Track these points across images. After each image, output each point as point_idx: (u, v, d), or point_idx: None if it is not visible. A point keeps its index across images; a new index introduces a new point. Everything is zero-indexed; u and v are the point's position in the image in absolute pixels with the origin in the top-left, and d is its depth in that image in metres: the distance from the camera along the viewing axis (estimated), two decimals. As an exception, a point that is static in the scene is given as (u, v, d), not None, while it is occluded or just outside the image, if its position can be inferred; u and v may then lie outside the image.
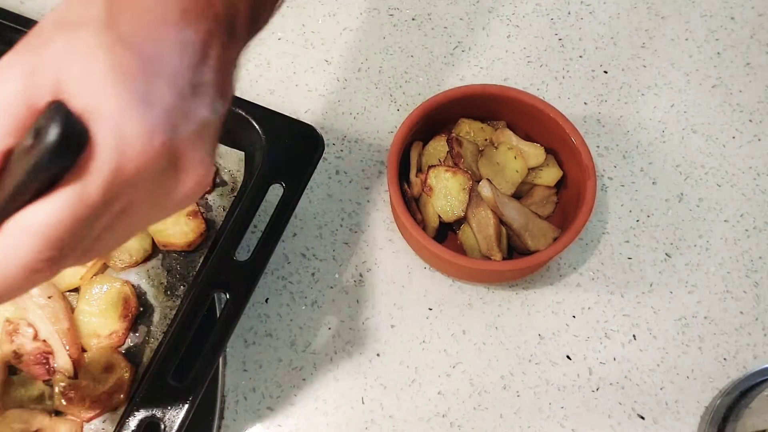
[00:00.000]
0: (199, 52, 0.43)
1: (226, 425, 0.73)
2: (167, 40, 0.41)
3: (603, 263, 0.81)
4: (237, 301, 0.67)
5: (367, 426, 0.73)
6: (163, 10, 0.42)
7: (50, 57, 0.39)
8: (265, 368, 0.75)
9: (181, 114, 0.41)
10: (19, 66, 0.39)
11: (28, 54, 0.39)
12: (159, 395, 0.63)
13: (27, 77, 0.38)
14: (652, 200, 0.84)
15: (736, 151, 0.87)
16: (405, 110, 0.88)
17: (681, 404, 0.75)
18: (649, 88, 0.91)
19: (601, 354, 0.77)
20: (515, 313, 0.78)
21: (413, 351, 0.76)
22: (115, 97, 0.38)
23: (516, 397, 0.75)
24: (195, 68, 0.43)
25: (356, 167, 0.85)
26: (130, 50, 0.40)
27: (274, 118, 0.77)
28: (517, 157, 0.79)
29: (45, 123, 0.36)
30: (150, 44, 0.41)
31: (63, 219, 0.38)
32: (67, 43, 0.39)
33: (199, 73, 0.43)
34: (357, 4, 0.95)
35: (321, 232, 0.81)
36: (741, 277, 0.81)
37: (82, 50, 0.39)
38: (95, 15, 0.40)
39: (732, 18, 0.95)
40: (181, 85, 0.42)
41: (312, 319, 0.77)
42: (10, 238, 0.38)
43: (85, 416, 0.68)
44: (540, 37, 0.94)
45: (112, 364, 0.70)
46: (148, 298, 0.74)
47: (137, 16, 0.41)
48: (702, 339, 0.78)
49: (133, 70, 0.39)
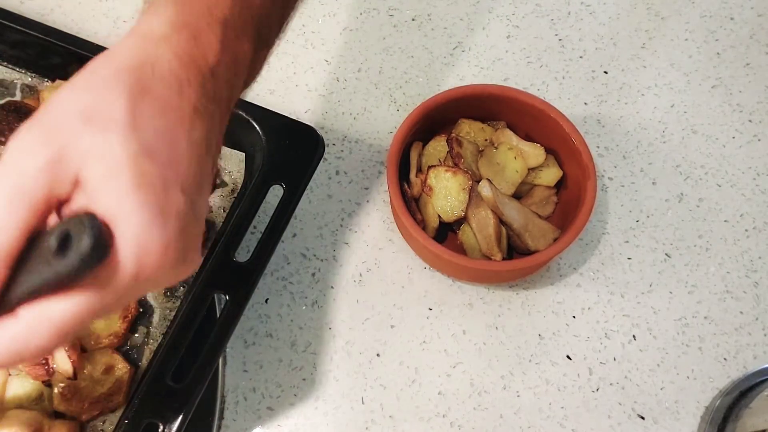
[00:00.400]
0: (204, 146, 0.47)
1: (226, 425, 0.73)
2: (182, 142, 0.45)
3: (603, 263, 0.81)
4: (236, 302, 0.67)
5: (367, 426, 0.73)
6: (179, 112, 0.45)
7: (76, 153, 0.42)
8: (265, 368, 0.75)
9: (191, 217, 0.45)
10: (43, 148, 0.42)
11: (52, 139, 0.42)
12: (158, 396, 0.63)
13: (52, 165, 0.41)
14: (652, 200, 0.84)
15: (735, 152, 0.87)
16: (405, 110, 0.88)
17: (681, 404, 0.75)
18: (649, 88, 0.91)
19: (601, 354, 0.77)
20: (515, 313, 0.78)
21: (413, 351, 0.76)
22: (138, 211, 0.42)
23: (516, 397, 0.75)
24: (201, 164, 0.47)
25: (356, 167, 0.85)
26: (151, 159, 0.43)
27: (275, 119, 0.77)
28: (517, 157, 0.79)
29: (76, 231, 0.40)
30: (167, 149, 0.44)
31: (81, 317, 0.42)
32: (94, 144, 0.42)
33: (204, 167, 0.47)
34: (357, 5, 0.95)
35: (321, 233, 0.81)
36: (741, 277, 0.81)
37: (110, 157, 0.42)
38: (120, 118, 0.43)
39: (731, 18, 0.95)
40: (191, 188, 0.46)
41: (312, 319, 0.77)
42: (30, 326, 0.42)
43: (84, 417, 0.68)
44: (540, 37, 0.94)
45: (112, 365, 0.70)
46: (148, 298, 0.74)
47: (156, 118, 0.44)
48: (702, 339, 0.78)
49: (154, 181, 0.43)
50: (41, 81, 0.82)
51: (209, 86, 0.48)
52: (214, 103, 0.48)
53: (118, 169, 0.42)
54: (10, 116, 0.76)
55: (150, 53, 0.46)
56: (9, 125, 0.75)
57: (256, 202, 0.72)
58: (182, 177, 0.45)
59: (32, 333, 0.42)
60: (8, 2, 0.85)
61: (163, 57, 0.46)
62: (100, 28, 0.91)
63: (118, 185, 0.42)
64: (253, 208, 0.72)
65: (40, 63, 0.82)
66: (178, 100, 0.46)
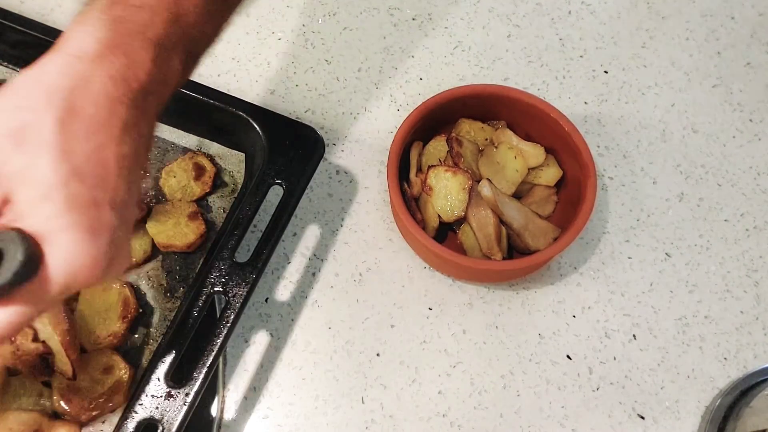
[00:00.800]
0: (133, 158, 0.49)
1: (226, 425, 0.73)
2: (110, 160, 0.47)
3: (603, 263, 0.81)
4: (236, 302, 0.67)
5: (367, 426, 0.73)
6: (109, 131, 0.47)
7: (7, 175, 0.44)
8: (266, 368, 0.75)
9: (120, 228, 0.48)
10: None
11: None
12: (158, 397, 0.63)
13: None
14: (652, 200, 0.84)
15: (736, 151, 0.87)
16: (405, 110, 0.87)
17: (681, 404, 0.75)
18: (650, 87, 0.90)
19: (601, 353, 0.77)
20: (515, 313, 0.78)
21: (413, 351, 0.76)
22: (69, 231, 0.45)
23: (516, 396, 0.75)
24: (130, 176, 0.49)
25: (356, 167, 0.85)
26: (81, 181, 0.45)
27: (275, 119, 0.77)
28: (517, 156, 0.79)
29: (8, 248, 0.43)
30: (97, 169, 0.46)
31: (12, 325, 0.46)
32: (25, 168, 0.44)
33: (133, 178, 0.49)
34: (357, 4, 0.95)
35: (321, 232, 0.81)
36: (741, 277, 0.80)
37: (41, 182, 0.44)
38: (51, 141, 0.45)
39: (732, 17, 0.95)
40: (120, 202, 0.48)
41: (312, 318, 0.77)
42: None
43: (83, 417, 0.68)
44: (540, 36, 0.93)
45: (111, 365, 0.70)
46: (148, 299, 0.75)
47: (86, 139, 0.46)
48: (702, 338, 0.78)
49: (84, 201, 0.45)
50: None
51: (140, 102, 0.50)
52: (144, 117, 0.50)
53: (49, 193, 0.44)
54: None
55: (82, 74, 0.47)
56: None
57: (257, 203, 0.72)
58: (111, 193, 0.47)
59: None
60: (8, 2, 0.85)
61: (96, 77, 0.47)
62: (100, 28, 0.91)
63: (50, 208, 0.44)
64: (253, 207, 0.72)
65: (41, 63, 0.82)
66: (108, 118, 0.47)
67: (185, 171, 0.80)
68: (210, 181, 0.80)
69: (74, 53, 0.47)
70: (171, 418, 0.63)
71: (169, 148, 0.82)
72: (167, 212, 0.77)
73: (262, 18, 0.93)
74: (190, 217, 0.77)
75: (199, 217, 0.77)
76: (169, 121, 0.82)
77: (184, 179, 0.79)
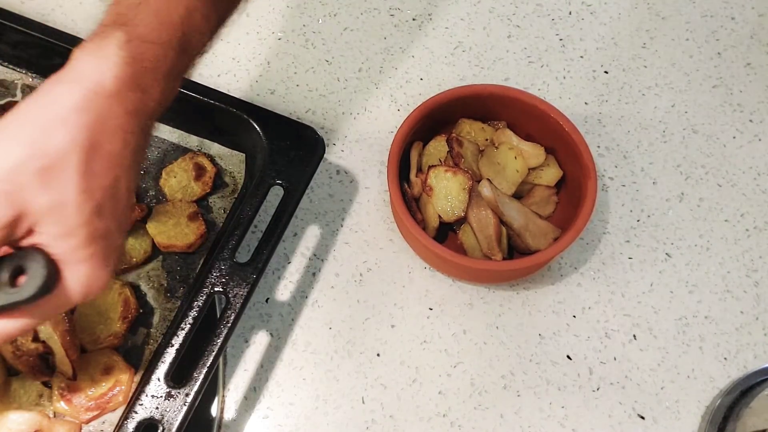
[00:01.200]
0: (137, 177, 0.55)
1: (226, 425, 0.73)
2: (123, 190, 0.51)
3: (604, 263, 0.81)
4: (237, 302, 0.67)
5: (367, 426, 0.73)
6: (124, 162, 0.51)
7: (34, 212, 0.47)
8: (266, 368, 0.75)
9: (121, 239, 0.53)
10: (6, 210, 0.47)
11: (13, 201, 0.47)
12: (158, 397, 0.63)
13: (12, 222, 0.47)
14: (652, 200, 0.84)
15: (736, 151, 0.87)
16: (405, 110, 0.87)
17: (681, 404, 0.75)
18: (650, 88, 0.90)
19: (601, 354, 0.77)
20: (516, 313, 0.78)
21: (414, 351, 0.76)
22: (89, 261, 0.49)
23: (516, 396, 0.75)
24: (133, 195, 0.54)
25: (357, 167, 0.85)
26: (100, 217, 0.49)
27: (275, 119, 0.77)
28: (517, 157, 0.79)
29: (31, 267, 0.48)
30: (113, 203, 0.50)
31: (26, 330, 0.51)
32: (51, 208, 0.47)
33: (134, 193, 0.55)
34: (358, 4, 0.95)
35: (322, 232, 0.81)
36: (741, 277, 0.80)
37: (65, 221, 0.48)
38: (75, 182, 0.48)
39: (732, 18, 0.95)
40: (126, 222, 0.53)
41: (312, 318, 0.77)
42: None
43: (83, 417, 0.68)
44: (541, 37, 0.93)
45: (111, 365, 0.70)
46: (148, 299, 0.75)
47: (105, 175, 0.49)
48: (702, 339, 0.78)
49: (102, 234, 0.49)
50: (42, 81, 0.82)
51: (148, 127, 0.53)
52: (148, 137, 0.54)
53: (73, 231, 0.48)
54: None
55: (102, 110, 0.49)
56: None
57: (257, 203, 0.72)
58: (121, 219, 0.52)
59: None
60: (9, 2, 0.85)
61: (115, 113, 0.50)
62: (100, 28, 0.90)
63: (72, 242, 0.48)
64: (253, 208, 0.72)
65: (41, 63, 0.82)
66: (122, 152, 0.50)
67: (186, 171, 0.80)
68: (210, 182, 0.80)
69: (93, 88, 0.49)
70: (171, 418, 0.63)
71: (170, 148, 0.82)
72: (167, 212, 0.77)
73: (262, 18, 0.93)
74: (190, 218, 0.77)
75: (199, 218, 0.77)
76: (170, 121, 0.82)
77: (185, 179, 0.79)
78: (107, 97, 0.49)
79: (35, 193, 0.47)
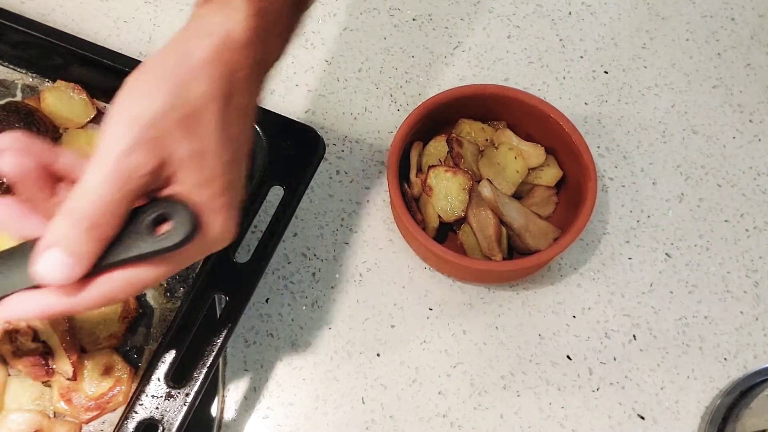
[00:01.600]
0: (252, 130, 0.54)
1: (226, 425, 0.73)
2: (248, 141, 0.53)
3: (603, 263, 0.81)
4: (237, 303, 0.67)
5: (367, 426, 0.73)
6: (250, 114, 0.53)
7: (176, 160, 0.48)
8: (266, 368, 0.75)
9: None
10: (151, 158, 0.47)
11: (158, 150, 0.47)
12: (158, 397, 0.63)
13: (156, 170, 0.48)
14: (652, 200, 0.84)
15: (736, 152, 0.87)
16: (405, 110, 0.88)
17: (681, 404, 0.75)
18: (650, 88, 0.91)
19: (601, 354, 0.77)
20: (516, 313, 0.78)
21: (414, 351, 0.76)
22: (224, 210, 0.50)
23: (516, 397, 0.75)
24: (250, 143, 0.54)
25: (357, 167, 0.85)
26: (232, 166, 0.50)
27: (275, 119, 0.77)
28: (517, 157, 0.79)
29: (175, 216, 0.48)
30: (242, 153, 0.52)
31: (157, 280, 0.51)
32: (192, 157, 0.48)
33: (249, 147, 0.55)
34: (358, 4, 0.95)
35: (322, 232, 0.81)
36: (741, 277, 0.81)
37: (205, 170, 0.49)
38: (214, 132, 0.49)
39: (732, 19, 0.95)
40: (245, 177, 0.54)
41: (312, 319, 0.77)
42: (114, 285, 0.50)
43: (83, 418, 0.68)
44: (541, 37, 0.93)
45: (111, 365, 0.70)
46: (148, 299, 0.74)
47: (236, 125, 0.51)
48: (702, 339, 0.78)
49: (234, 183, 0.51)
50: (42, 81, 0.82)
51: (265, 82, 0.55)
52: (263, 92, 0.55)
53: (211, 180, 0.49)
54: (10, 116, 0.75)
55: (234, 61, 0.50)
56: (9, 125, 0.75)
57: (257, 204, 0.72)
58: (243, 171, 0.53)
59: (114, 289, 0.49)
60: (9, 2, 0.85)
61: (245, 65, 0.50)
62: (101, 28, 0.91)
63: (210, 191, 0.49)
64: (253, 208, 0.72)
65: (41, 63, 0.82)
66: (248, 104, 0.52)
67: (185, 171, 0.79)
68: (210, 182, 0.79)
69: (223, 41, 0.50)
70: (171, 418, 0.63)
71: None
72: (167, 212, 0.77)
73: (262, 18, 0.93)
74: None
75: (199, 218, 0.77)
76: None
77: (185, 179, 0.79)
78: (237, 49, 0.50)
79: (178, 142, 0.48)
